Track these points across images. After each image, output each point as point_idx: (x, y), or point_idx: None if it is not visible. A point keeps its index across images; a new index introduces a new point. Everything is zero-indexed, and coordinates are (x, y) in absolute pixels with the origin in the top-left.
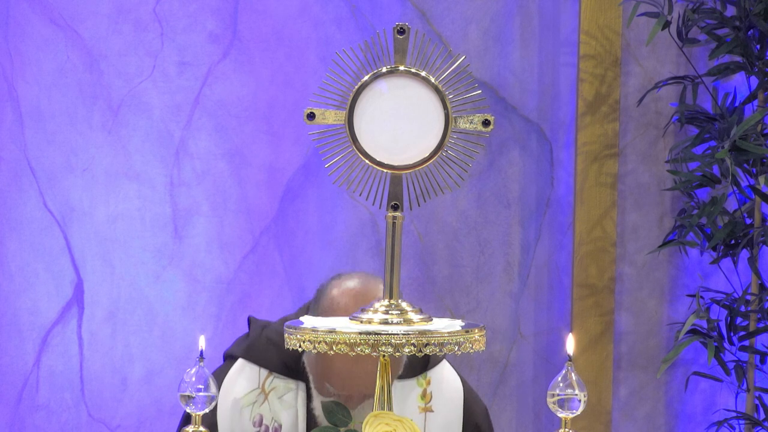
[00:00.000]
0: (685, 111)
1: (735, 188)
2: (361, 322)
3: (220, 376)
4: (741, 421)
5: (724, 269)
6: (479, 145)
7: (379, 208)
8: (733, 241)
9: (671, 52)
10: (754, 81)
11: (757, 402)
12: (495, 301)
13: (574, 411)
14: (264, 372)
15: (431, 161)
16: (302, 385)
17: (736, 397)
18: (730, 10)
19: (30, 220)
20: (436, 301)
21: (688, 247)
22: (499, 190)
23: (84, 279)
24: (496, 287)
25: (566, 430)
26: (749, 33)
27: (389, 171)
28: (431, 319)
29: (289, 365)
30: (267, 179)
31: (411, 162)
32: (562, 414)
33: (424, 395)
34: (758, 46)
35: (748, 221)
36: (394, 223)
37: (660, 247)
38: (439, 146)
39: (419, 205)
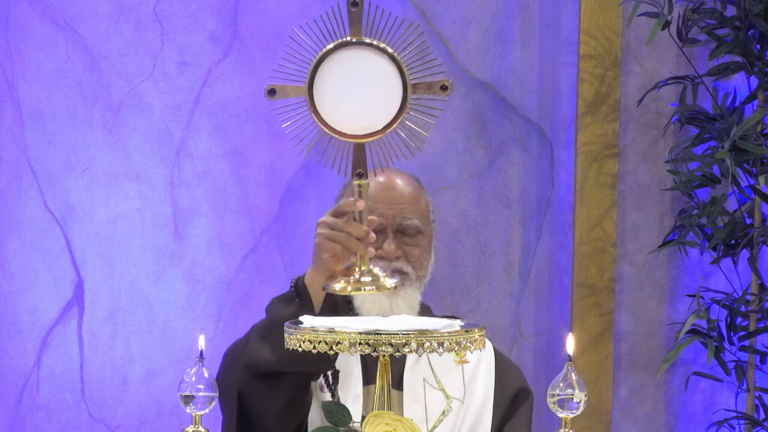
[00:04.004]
0: (685, 111)
1: (735, 188)
2: (336, 291)
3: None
4: (741, 421)
5: (724, 269)
6: (438, 110)
7: (345, 176)
8: (733, 241)
9: (671, 52)
10: (754, 81)
11: (757, 402)
12: (495, 301)
13: (574, 411)
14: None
15: (392, 128)
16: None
17: (736, 397)
18: (730, 10)
19: (30, 220)
20: (437, 301)
21: (688, 247)
22: (499, 190)
23: (84, 279)
24: (496, 287)
25: (566, 430)
26: (749, 33)
27: (352, 140)
28: (402, 285)
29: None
30: (267, 179)
31: (372, 130)
32: (562, 414)
33: (459, 352)
34: (758, 46)
35: (748, 221)
36: (359, 190)
37: (660, 247)
38: (399, 113)
39: (383, 171)
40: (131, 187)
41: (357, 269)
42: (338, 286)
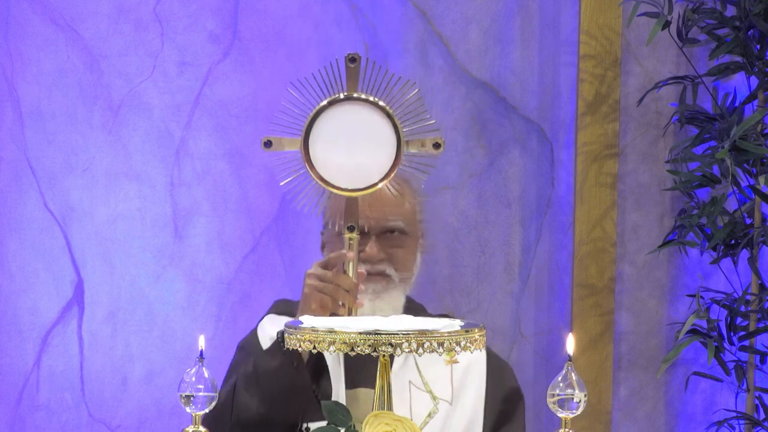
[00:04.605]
0: (685, 111)
1: (735, 188)
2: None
3: (252, 335)
4: (741, 421)
5: (724, 269)
6: (431, 167)
7: (336, 229)
8: (733, 241)
9: (671, 52)
10: (754, 81)
11: (757, 402)
12: (495, 301)
13: (574, 411)
14: None
15: (384, 183)
16: None
17: (736, 397)
18: (730, 10)
19: (30, 220)
20: (437, 301)
21: (688, 247)
22: (499, 190)
23: (84, 279)
24: (496, 287)
25: (566, 430)
26: (749, 33)
27: (344, 194)
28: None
29: None
30: (267, 179)
31: (365, 185)
32: (562, 414)
33: (449, 351)
34: (758, 46)
35: (748, 221)
36: (350, 243)
37: (660, 247)
38: (392, 169)
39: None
40: (131, 187)
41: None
42: None
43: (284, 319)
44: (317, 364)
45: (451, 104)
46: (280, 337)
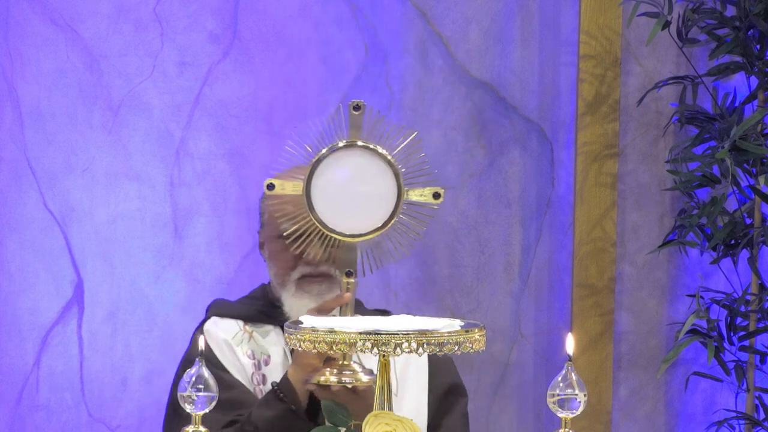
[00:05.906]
0: (685, 111)
1: (735, 188)
2: (319, 383)
3: (196, 338)
4: (741, 421)
5: (724, 269)
6: (430, 216)
7: (335, 272)
8: (733, 241)
9: (671, 52)
10: (754, 81)
11: (757, 402)
12: (496, 301)
13: (574, 411)
14: (239, 322)
15: (383, 231)
16: (278, 329)
17: (736, 397)
18: (730, 10)
19: (30, 220)
20: (437, 301)
21: (688, 247)
22: (499, 190)
23: (84, 279)
24: (496, 287)
25: (566, 430)
26: (749, 33)
27: (344, 239)
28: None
29: (264, 312)
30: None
31: (364, 231)
32: (562, 414)
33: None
34: (758, 46)
35: (748, 221)
36: (348, 288)
37: (660, 247)
38: (391, 217)
39: (372, 272)
40: (131, 187)
41: (339, 363)
42: (322, 378)
43: (228, 322)
44: (311, 404)
45: (451, 104)
46: (276, 387)
